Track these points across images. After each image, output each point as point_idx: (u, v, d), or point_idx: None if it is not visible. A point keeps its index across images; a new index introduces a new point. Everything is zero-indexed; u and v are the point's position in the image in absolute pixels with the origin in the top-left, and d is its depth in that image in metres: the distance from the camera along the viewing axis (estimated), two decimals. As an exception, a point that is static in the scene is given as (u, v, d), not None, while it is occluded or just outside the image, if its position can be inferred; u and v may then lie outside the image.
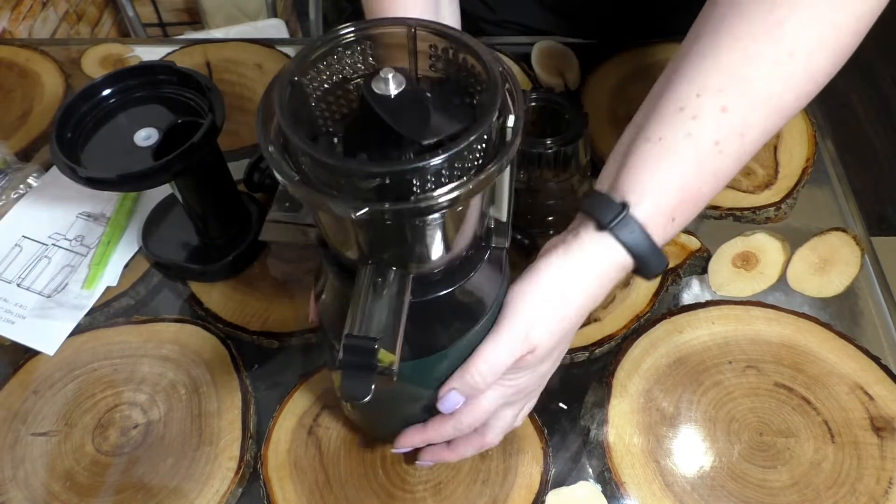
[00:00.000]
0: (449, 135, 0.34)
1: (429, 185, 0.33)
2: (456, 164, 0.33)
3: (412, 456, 0.53)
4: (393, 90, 0.34)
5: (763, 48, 0.42)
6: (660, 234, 0.42)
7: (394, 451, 0.53)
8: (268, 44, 0.89)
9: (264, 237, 0.60)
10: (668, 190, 0.42)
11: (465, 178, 0.33)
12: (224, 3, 1.62)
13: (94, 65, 0.88)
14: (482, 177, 0.33)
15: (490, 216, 0.43)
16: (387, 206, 0.32)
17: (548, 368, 0.48)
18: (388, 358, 0.36)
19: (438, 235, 0.37)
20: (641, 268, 0.43)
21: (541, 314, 0.43)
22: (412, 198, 0.33)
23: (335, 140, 0.38)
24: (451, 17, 0.62)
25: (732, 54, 0.42)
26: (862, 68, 2.13)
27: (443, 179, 0.33)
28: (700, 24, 0.45)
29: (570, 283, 0.43)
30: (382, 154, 0.35)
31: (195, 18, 1.75)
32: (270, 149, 0.34)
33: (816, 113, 0.76)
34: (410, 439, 0.49)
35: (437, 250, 0.39)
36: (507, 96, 0.36)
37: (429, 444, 0.51)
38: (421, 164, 0.32)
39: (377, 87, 0.34)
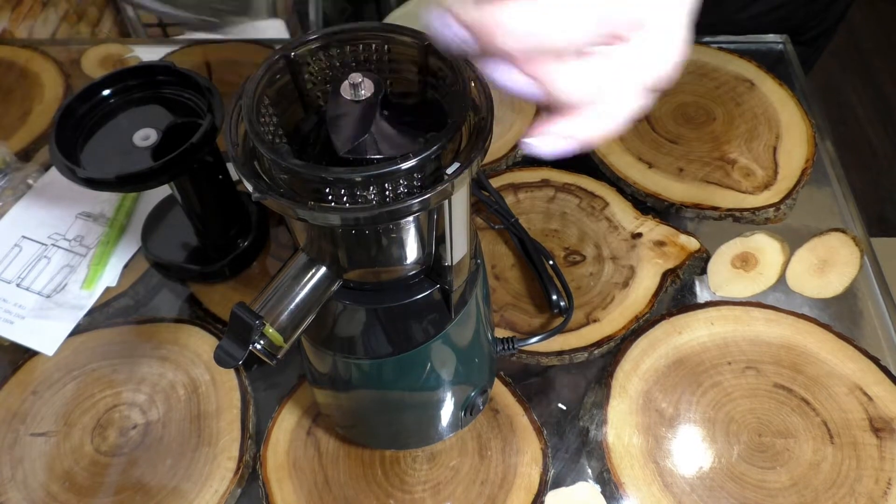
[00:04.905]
0: (375, 157, 0.33)
1: (344, 195, 0.32)
2: (380, 183, 0.31)
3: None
4: (362, 95, 0.34)
5: None
6: None
7: None
8: (268, 44, 0.89)
9: None
10: None
11: (376, 202, 0.32)
12: (224, 3, 1.62)
13: (93, 65, 0.88)
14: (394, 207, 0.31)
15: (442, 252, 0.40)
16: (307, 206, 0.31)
17: None
18: (277, 341, 0.36)
19: (372, 249, 0.37)
20: None
21: None
22: (310, 203, 0.32)
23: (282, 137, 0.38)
24: None
25: None
26: (862, 68, 2.13)
27: (356, 192, 0.31)
28: None
29: None
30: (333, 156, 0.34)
31: (195, 18, 1.75)
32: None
33: (816, 113, 0.76)
34: None
35: (368, 263, 0.38)
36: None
37: None
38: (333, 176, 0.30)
39: (344, 92, 0.34)
